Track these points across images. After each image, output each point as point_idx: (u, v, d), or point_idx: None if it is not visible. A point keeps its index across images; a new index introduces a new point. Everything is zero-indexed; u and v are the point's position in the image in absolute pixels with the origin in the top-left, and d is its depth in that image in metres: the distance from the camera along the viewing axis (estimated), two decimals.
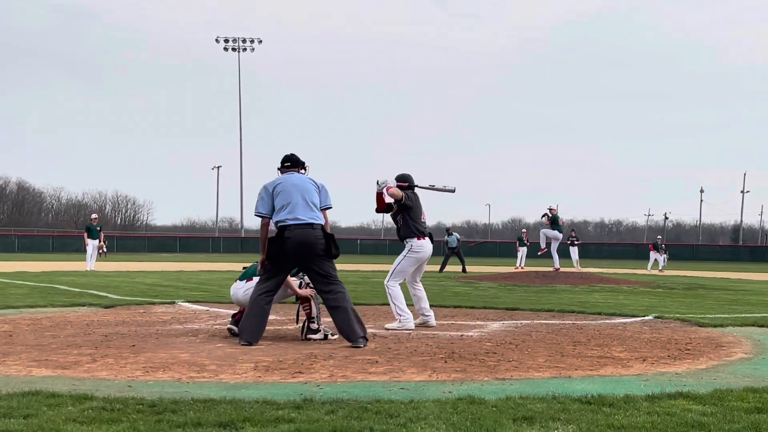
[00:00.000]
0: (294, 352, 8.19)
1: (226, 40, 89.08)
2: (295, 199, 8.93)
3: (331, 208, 9.19)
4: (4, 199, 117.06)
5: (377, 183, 10.72)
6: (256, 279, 9.36)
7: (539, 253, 27.39)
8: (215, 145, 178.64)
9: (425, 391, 6.07)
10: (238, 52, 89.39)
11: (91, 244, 30.19)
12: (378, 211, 10.97)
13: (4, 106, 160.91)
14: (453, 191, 11.19)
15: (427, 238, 10.83)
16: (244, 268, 10.02)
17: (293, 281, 9.37)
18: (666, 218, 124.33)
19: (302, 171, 9.33)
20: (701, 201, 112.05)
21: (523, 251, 41.75)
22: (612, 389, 6.18)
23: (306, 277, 9.47)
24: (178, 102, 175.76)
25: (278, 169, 9.38)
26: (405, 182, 10.80)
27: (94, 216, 32.21)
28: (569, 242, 41.95)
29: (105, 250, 30.72)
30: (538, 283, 23.14)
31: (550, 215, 26.99)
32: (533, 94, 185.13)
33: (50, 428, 4.57)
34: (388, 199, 10.75)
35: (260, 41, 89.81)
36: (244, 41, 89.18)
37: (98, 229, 30.69)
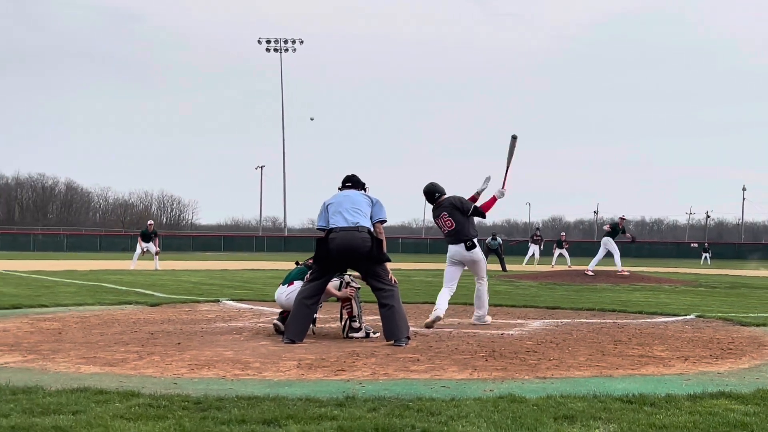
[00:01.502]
0: (336, 350, 8.21)
1: (269, 41, 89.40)
2: (343, 206, 9.07)
3: (385, 221, 9.23)
4: (53, 199, 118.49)
5: (501, 192, 11.12)
6: (297, 283, 9.42)
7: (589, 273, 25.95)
8: (259, 145, 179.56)
9: (466, 390, 6.05)
10: (280, 52, 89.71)
11: (142, 247, 30.60)
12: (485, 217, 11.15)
13: (53, 108, 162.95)
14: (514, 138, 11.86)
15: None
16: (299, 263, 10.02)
17: (331, 284, 9.40)
18: (708, 216, 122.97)
19: (360, 190, 9.44)
20: (743, 199, 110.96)
21: (558, 252, 41.58)
22: (653, 388, 6.12)
23: (346, 277, 9.51)
24: (222, 102, 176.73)
25: (339, 188, 9.48)
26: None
27: (150, 222, 32.56)
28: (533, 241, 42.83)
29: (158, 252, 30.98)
30: (579, 281, 22.98)
31: (612, 225, 26.23)
32: (572, 93, 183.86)
33: (98, 424, 4.61)
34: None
35: (302, 42, 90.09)
36: (285, 42, 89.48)
37: (153, 234, 31.15)
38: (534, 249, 42.14)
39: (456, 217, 10.76)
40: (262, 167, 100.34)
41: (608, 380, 6.62)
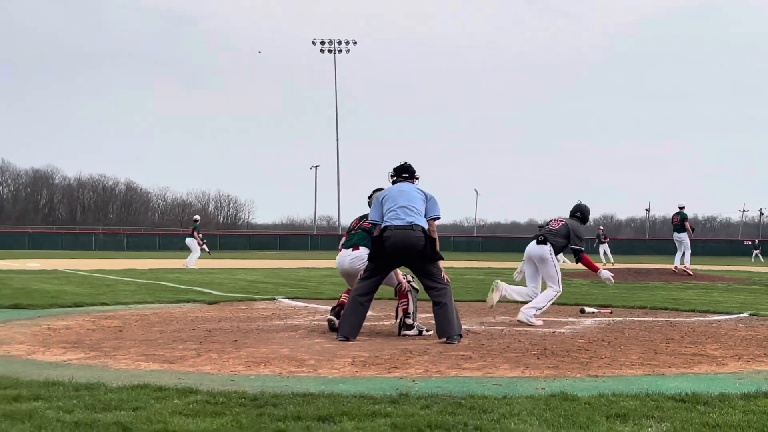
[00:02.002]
0: (390, 347, 8.22)
1: (323, 42, 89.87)
2: (398, 203, 9.01)
3: (439, 218, 9.20)
4: (113, 199, 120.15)
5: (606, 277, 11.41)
6: (363, 249, 9.47)
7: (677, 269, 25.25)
8: (313, 145, 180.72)
9: (518, 388, 6.03)
10: (334, 53, 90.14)
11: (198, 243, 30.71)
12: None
13: (112, 110, 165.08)
14: None
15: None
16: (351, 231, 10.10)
17: (400, 273, 9.46)
18: (761, 214, 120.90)
19: (414, 181, 9.42)
20: None
21: (602, 248, 41.15)
22: (706, 387, 6.04)
23: (408, 277, 9.56)
24: (277, 103, 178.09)
25: (390, 175, 9.46)
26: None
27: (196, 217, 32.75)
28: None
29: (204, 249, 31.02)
30: (631, 279, 22.74)
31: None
32: (622, 90, 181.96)
33: (157, 420, 4.66)
34: None
35: (355, 43, 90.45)
36: (339, 43, 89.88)
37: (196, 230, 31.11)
38: (603, 248, 41.52)
39: (563, 231, 11.18)
40: (316, 167, 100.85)
41: (660, 379, 6.55)
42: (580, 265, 11.30)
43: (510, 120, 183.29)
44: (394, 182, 9.42)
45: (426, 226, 9.00)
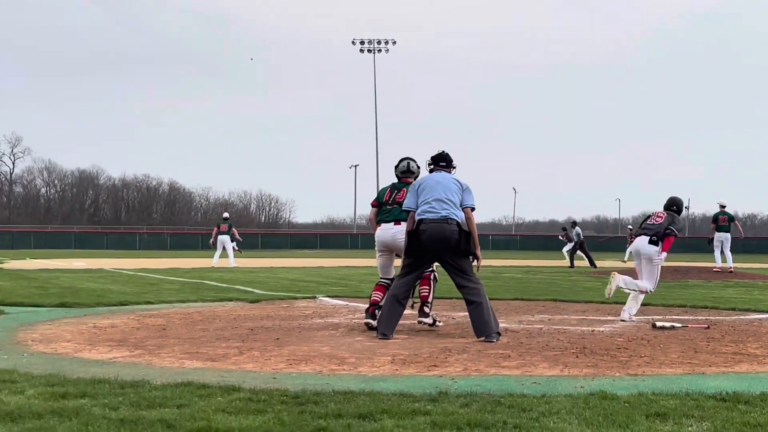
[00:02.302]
0: (429, 345, 8.21)
1: (362, 42, 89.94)
2: (434, 195, 8.97)
3: (473, 207, 9.12)
4: (157, 199, 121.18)
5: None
6: (404, 223, 9.46)
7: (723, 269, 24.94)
8: (353, 144, 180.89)
9: (557, 386, 5.99)
10: (374, 53, 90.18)
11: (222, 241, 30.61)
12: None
13: (156, 111, 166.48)
14: None
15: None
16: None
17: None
18: None
19: (451, 170, 9.38)
20: None
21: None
22: (747, 386, 5.97)
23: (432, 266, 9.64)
24: (317, 103, 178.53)
25: (428, 164, 9.42)
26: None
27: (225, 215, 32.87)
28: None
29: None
30: (670, 278, 22.51)
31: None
32: (659, 87, 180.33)
33: (201, 418, 4.69)
34: None
35: (394, 42, 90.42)
36: (378, 42, 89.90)
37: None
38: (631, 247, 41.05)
39: (664, 225, 11.14)
40: (356, 166, 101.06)
41: (701, 378, 6.48)
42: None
43: (547, 117, 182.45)
44: (431, 171, 9.37)
45: (461, 219, 8.98)
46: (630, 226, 45.41)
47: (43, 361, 7.09)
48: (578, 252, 40.52)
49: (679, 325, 9.76)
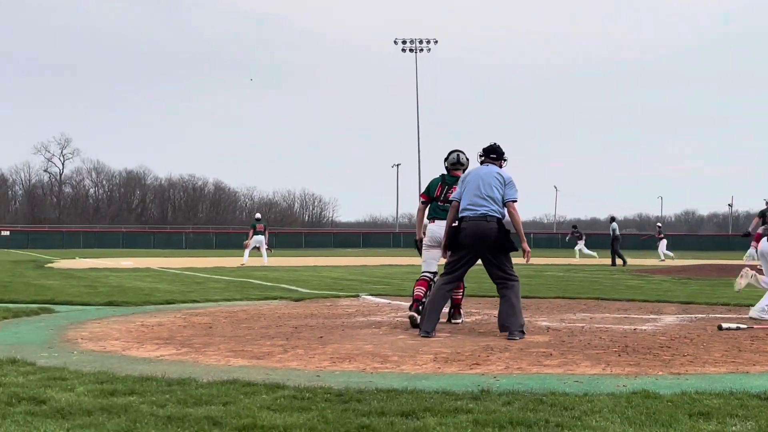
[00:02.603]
0: (471, 344, 8.19)
1: (404, 41, 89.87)
2: (475, 191, 8.96)
3: (515, 200, 9.06)
4: (202, 198, 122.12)
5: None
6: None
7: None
8: (395, 144, 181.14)
9: (599, 385, 5.94)
10: (415, 52, 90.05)
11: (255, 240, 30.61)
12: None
13: (201, 112, 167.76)
14: None
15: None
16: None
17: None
18: None
19: (501, 163, 9.32)
20: None
21: (661, 245, 40.37)
22: None
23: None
24: (360, 102, 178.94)
25: (479, 155, 9.37)
26: None
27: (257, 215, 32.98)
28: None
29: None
30: (714, 275, 22.29)
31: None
32: (705, 84, 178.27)
33: (246, 415, 4.71)
34: None
35: (436, 42, 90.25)
36: (420, 42, 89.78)
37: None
38: (662, 244, 40.80)
39: None
40: (397, 165, 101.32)
41: (745, 377, 6.39)
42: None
43: (588, 115, 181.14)
44: (481, 162, 9.33)
45: (502, 215, 8.94)
46: (659, 224, 44.94)
47: (93, 358, 7.17)
48: (580, 248, 40.07)
49: (745, 326, 9.60)
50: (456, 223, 9.09)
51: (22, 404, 5.01)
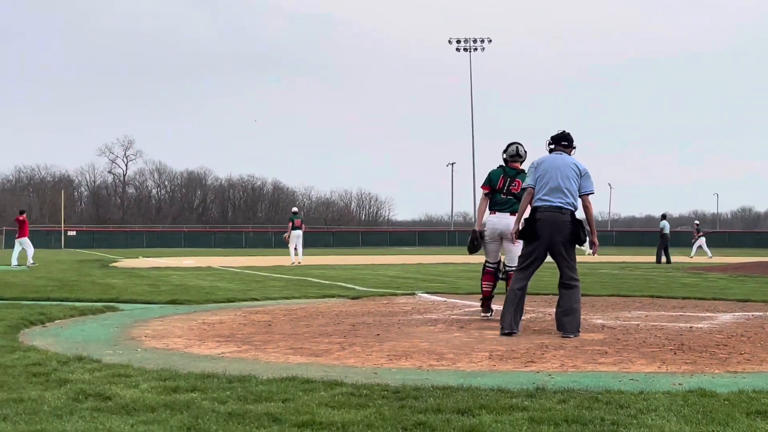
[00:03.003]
0: (526, 342, 8.14)
1: (458, 41, 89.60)
2: (552, 182, 8.74)
3: (592, 193, 8.93)
4: (261, 198, 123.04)
5: None
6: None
7: None
8: (449, 143, 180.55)
9: (655, 383, 5.87)
10: (470, 51, 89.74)
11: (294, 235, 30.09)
12: None
13: (259, 112, 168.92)
14: None
15: None
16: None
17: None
18: None
19: (571, 151, 9.10)
20: None
21: (698, 242, 39.73)
22: None
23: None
24: (415, 102, 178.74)
25: (548, 143, 9.19)
26: None
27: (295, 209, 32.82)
28: None
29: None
30: None
31: None
32: (752, 79, 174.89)
33: (305, 412, 4.74)
34: None
35: (490, 41, 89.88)
36: (475, 41, 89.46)
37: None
38: (699, 242, 40.10)
39: None
40: (452, 164, 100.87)
41: None
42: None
43: (642, 111, 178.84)
44: (551, 151, 9.14)
45: (575, 208, 8.79)
46: (697, 222, 44.23)
47: (156, 356, 7.27)
48: (700, 245, 39.13)
49: None
50: (528, 213, 8.90)
51: (89, 400, 5.10)
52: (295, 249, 29.96)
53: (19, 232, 29.08)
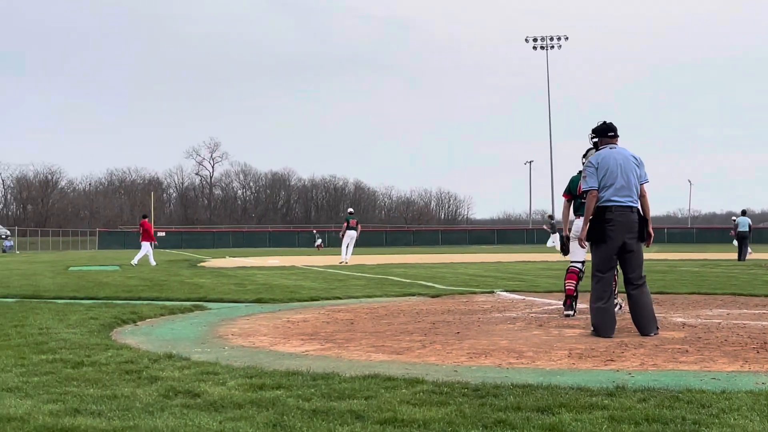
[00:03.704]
0: (605, 340, 8.02)
1: (535, 39, 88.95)
2: (619, 180, 8.38)
3: (648, 182, 8.61)
4: (343, 198, 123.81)
5: None
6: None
7: None
8: (527, 141, 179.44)
9: (737, 382, 5.73)
10: (546, 50, 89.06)
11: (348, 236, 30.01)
12: None
13: (340, 114, 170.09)
14: None
15: None
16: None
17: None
18: None
19: (617, 140, 8.77)
20: None
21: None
22: None
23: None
24: (492, 101, 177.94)
25: (591, 137, 9.01)
26: None
27: (350, 210, 32.77)
28: None
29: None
30: None
31: None
32: None
33: (387, 409, 4.74)
34: None
35: (566, 38, 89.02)
36: (551, 39, 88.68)
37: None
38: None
39: None
40: (530, 162, 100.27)
41: None
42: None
43: (721, 107, 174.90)
44: (595, 144, 8.90)
45: (639, 206, 8.52)
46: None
47: (242, 353, 7.37)
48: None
49: None
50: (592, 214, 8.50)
51: (179, 397, 5.19)
52: (347, 248, 29.99)
53: (143, 236, 29.23)
